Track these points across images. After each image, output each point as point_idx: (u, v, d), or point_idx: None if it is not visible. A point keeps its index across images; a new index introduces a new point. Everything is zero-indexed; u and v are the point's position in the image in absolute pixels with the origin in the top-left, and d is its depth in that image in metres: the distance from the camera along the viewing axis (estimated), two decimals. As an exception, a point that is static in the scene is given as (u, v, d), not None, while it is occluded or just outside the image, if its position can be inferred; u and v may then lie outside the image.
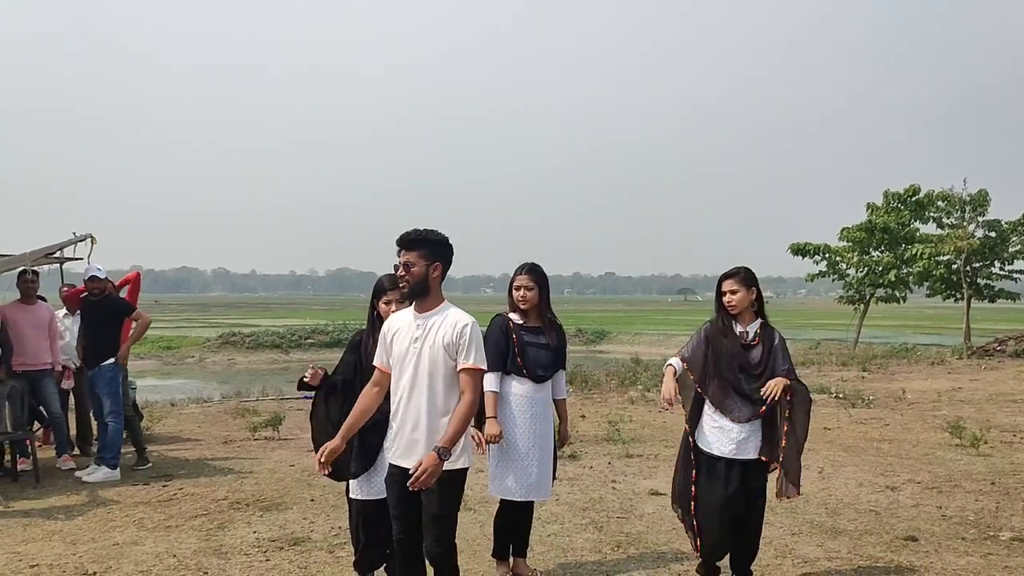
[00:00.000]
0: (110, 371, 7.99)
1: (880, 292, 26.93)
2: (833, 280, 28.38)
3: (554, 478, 5.05)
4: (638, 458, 8.63)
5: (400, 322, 3.92)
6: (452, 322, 3.77)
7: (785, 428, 4.67)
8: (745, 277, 4.76)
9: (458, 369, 3.74)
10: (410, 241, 3.80)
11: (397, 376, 3.87)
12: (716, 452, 4.68)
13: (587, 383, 15.61)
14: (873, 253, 26.92)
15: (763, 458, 4.69)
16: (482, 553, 5.42)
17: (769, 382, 4.63)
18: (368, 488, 4.38)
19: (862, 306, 27.61)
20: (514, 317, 4.97)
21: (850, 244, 26.98)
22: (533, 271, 4.94)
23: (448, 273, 3.93)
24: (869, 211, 26.79)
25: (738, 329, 4.76)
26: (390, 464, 3.93)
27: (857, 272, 27.04)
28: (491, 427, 4.71)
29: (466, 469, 3.90)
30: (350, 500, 4.52)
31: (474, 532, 5.89)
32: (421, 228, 3.83)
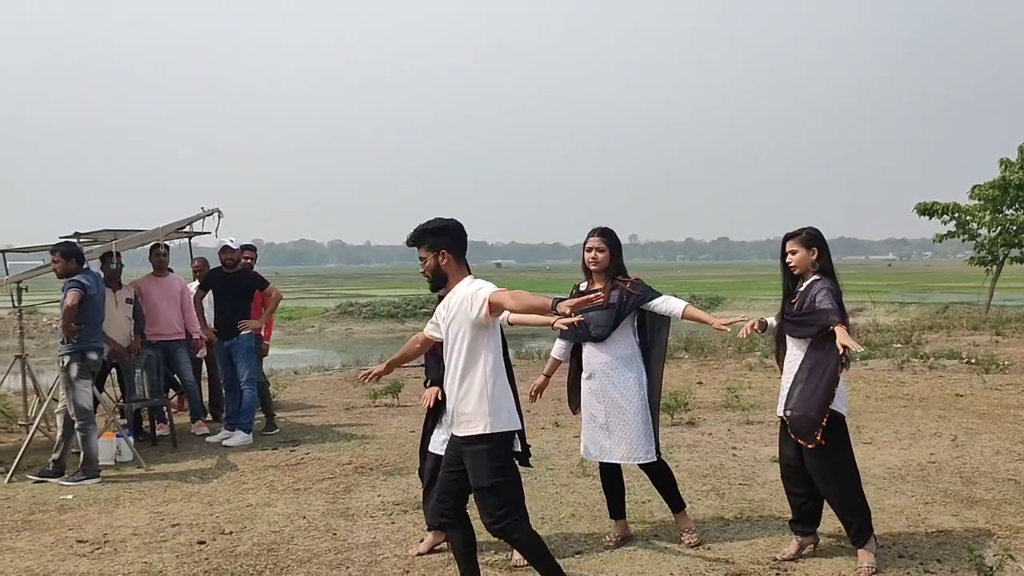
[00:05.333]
0: (247, 341, 8.31)
1: (1015, 252, 25.51)
2: (963, 241, 27.01)
3: (657, 444, 4.96)
4: (759, 425, 8.46)
5: (440, 312, 4.15)
6: (460, 294, 3.96)
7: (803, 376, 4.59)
8: (806, 238, 4.71)
9: (481, 313, 3.83)
10: (414, 240, 4.05)
11: (445, 357, 4.09)
12: (779, 412, 4.75)
13: (703, 349, 15.38)
14: (1007, 211, 25.47)
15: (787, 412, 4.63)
16: (602, 518, 5.42)
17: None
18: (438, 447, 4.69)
19: (995, 267, 26.24)
20: (583, 286, 5.02)
21: (982, 202, 25.58)
22: (605, 233, 4.94)
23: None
24: (1003, 167, 25.35)
25: (799, 290, 4.71)
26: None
27: (989, 232, 25.63)
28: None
29: (499, 435, 3.94)
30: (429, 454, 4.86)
31: (595, 497, 5.89)
32: (422, 224, 4.03)
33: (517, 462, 4.85)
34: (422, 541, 5.03)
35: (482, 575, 4.24)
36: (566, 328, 4.61)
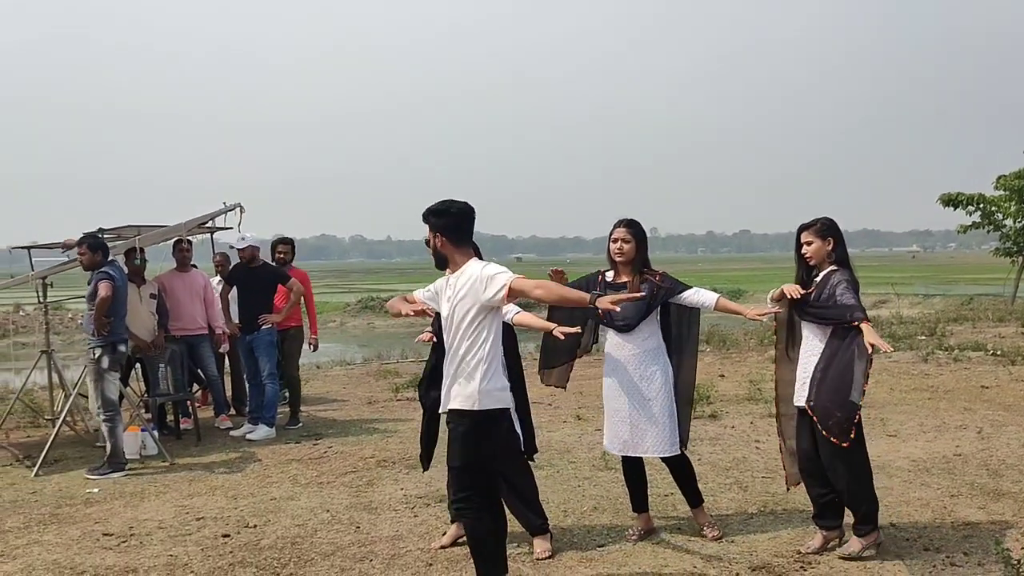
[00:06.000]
0: (268, 336, 8.34)
1: (1042, 244, 25.15)
2: (988, 232, 26.69)
3: (682, 439, 4.95)
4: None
5: (439, 286, 4.20)
6: (469, 274, 3.98)
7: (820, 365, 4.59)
8: (821, 228, 4.69)
9: (497, 296, 3.85)
10: (423, 217, 4.11)
11: (445, 335, 4.12)
12: (797, 403, 4.76)
13: (725, 342, 15.30)
14: (1034, 202, 25.11)
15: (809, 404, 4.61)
16: (624, 511, 5.42)
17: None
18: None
19: (1020, 258, 25.91)
20: (608, 276, 4.99)
21: (1007, 193, 25.27)
22: (631, 225, 4.92)
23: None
24: (1030, 157, 24.98)
25: (816, 280, 4.69)
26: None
27: (1015, 222, 25.34)
28: None
29: (480, 413, 3.95)
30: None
31: (617, 491, 5.88)
32: (428, 207, 4.08)
33: (524, 454, 4.90)
34: (445, 534, 5.04)
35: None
36: (563, 337, 4.63)
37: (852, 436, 4.46)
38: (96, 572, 4.73)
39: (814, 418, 4.59)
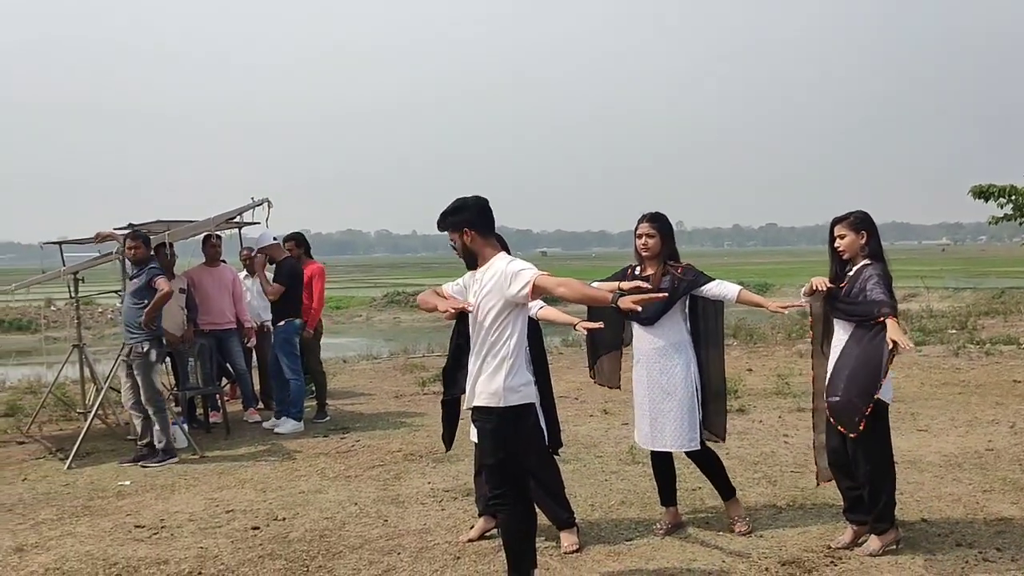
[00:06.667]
0: (282, 332, 8.39)
1: (1075, 236, 24.80)
2: (1020, 224, 26.34)
3: (718, 432, 4.94)
4: (810, 412, 8.32)
5: (467, 281, 4.19)
6: (495, 269, 3.97)
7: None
8: (854, 221, 4.64)
9: (521, 293, 3.84)
10: (439, 225, 4.11)
11: (471, 331, 4.10)
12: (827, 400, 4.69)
13: (752, 336, 15.22)
14: (1068, 193, 24.74)
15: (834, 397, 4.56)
16: (652, 505, 5.40)
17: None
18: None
19: (1053, 251, 25.56)
20: (638, 270, 4.97)
21: (1041, 184, 24.92)
22: (655, 219, 4.89)
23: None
24: (1062, 147, 24.60)
25: (849, 274, 4.65)
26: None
27: (1049, 215, 24.98)
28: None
29: (507, 410, 3.95)
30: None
31: (644, 484, 5.87)
32: (443, 210, 4.07)
33: (549, 448, 4.89)
34: (472, 527, 5.05)
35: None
36: (585, 332, 4.72)
37: (861, 428, 4.43)
38: (128, 564, 4.79)
39: (827, 408, 4.58)
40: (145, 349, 7.09)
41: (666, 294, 4.32)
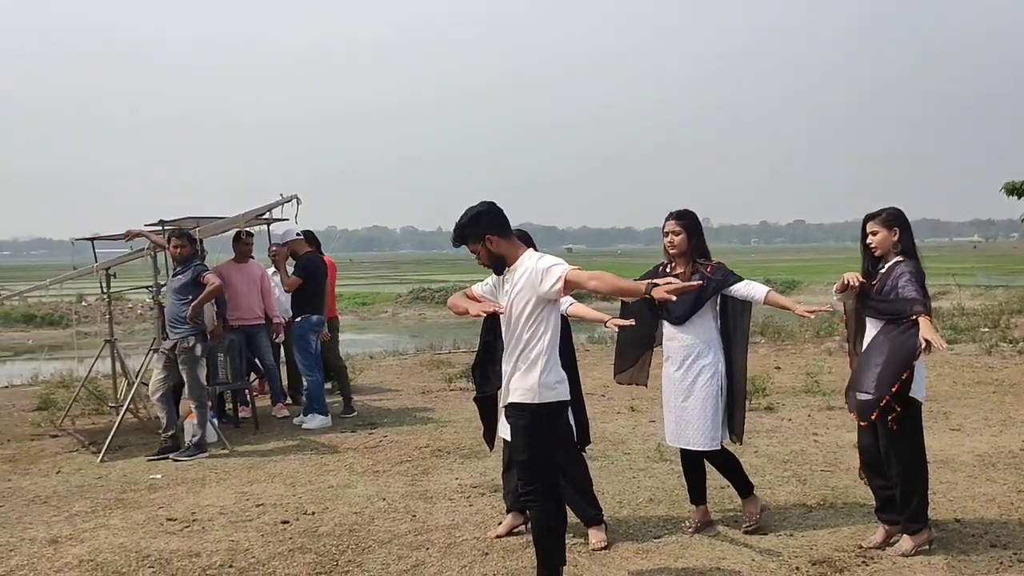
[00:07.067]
0: (298, 328, 8.47)
1: (1111, 233, 24.42)
2: (1054, 221, 25.97)
3: (737, 430, 4.90)
4: (840, 410, 8.26)
5: (496, 281, 4.18)
6: (525, 267, 3.95)
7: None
8: (887, 218, 4.60)
9: (553, 289, 3.82)
10: (456, 240, 4.07)
11: (504, 330, 4.09)
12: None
13: (780, 334, 15.10)
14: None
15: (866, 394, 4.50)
16: (680, 503, 5.38)
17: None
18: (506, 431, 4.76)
19: (1088, 248, 25.16)
20: (668, 268, 4.96)
21: (1075, 181, 24.54)
22: (682, 216, 4.87)
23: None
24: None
25: (881, 271, 4.61)
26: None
27: (1083, 212, 24.59)
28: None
29: (541, 406, 3.95)
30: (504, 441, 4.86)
31: (672, 482, 5.85)
32: (456, 222, 4.03)
33: (577, 445, 4.89)
34: (500, 523, 5.06)
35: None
36: (616, 328, 4.77)
37: (873, 419, 4.42)
38: (161, 556, 4.84)
39: (846, 400, 4.58)
40: (191, 344, 7.22)
41: (702, 282, 4.29)
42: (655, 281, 3.91)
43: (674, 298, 3.91)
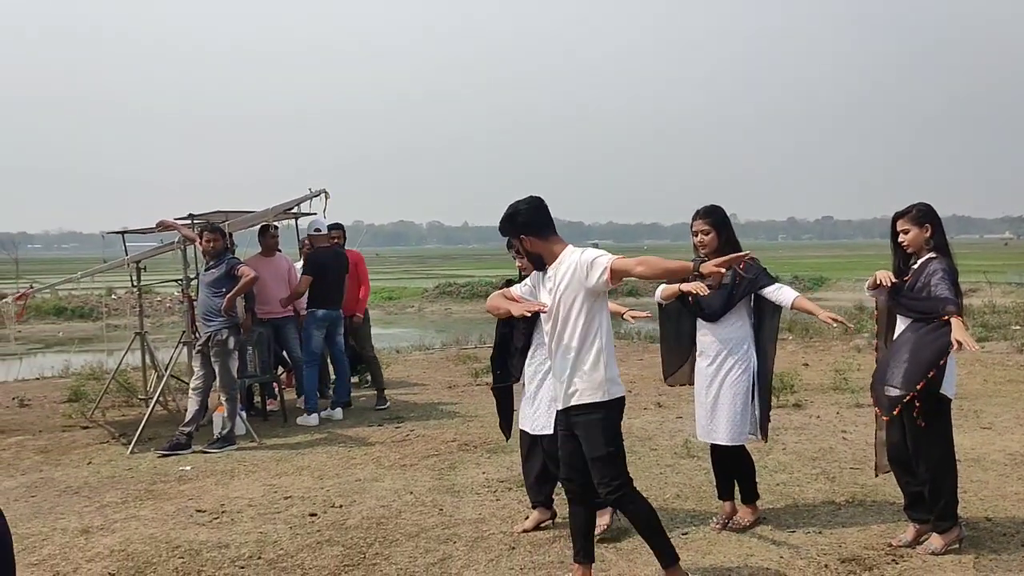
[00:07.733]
0: (304, 321, 8.54)
1: None
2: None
3: (762, 427, 4.88)
4: (869, 408, 8.14)
5: (535, 281, 4.15)
6: (569, 263, 3.91)
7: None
8: (917, 215, 4.54)
9: (601, 280, 3.78)
10: (502, 234, 4.11)
11: (550, 329, 4.01)
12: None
13: (807, 331, 14.98)
14: None
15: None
16: (708, 499, 5.36)
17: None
18: (527, 422, 4.91)
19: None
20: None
21: (1109, 176, 24.12)
22: (708, 214, 4.85)
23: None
24: None
25: (913, 267, 4.56)
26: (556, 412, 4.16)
27: (1117, 208, 24.17)
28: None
29: (613, 402, 3.92)
30: (522, 432, 4.98)
31: (700, 478, 5.83)
32: (501, 217, 4.03)
33: None
34: (527, 518, 5.06)
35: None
36: (633, 322, 4.86)
37: (896, 413, 4.38)
38: (190, 547, 4.88)
39: (871, 393, 4.57)
40: (224, 337, 7.31)
41: (750, 253, 4.26)
42: (701, 257, 3.85)
43: (724, 270, 3.88)
